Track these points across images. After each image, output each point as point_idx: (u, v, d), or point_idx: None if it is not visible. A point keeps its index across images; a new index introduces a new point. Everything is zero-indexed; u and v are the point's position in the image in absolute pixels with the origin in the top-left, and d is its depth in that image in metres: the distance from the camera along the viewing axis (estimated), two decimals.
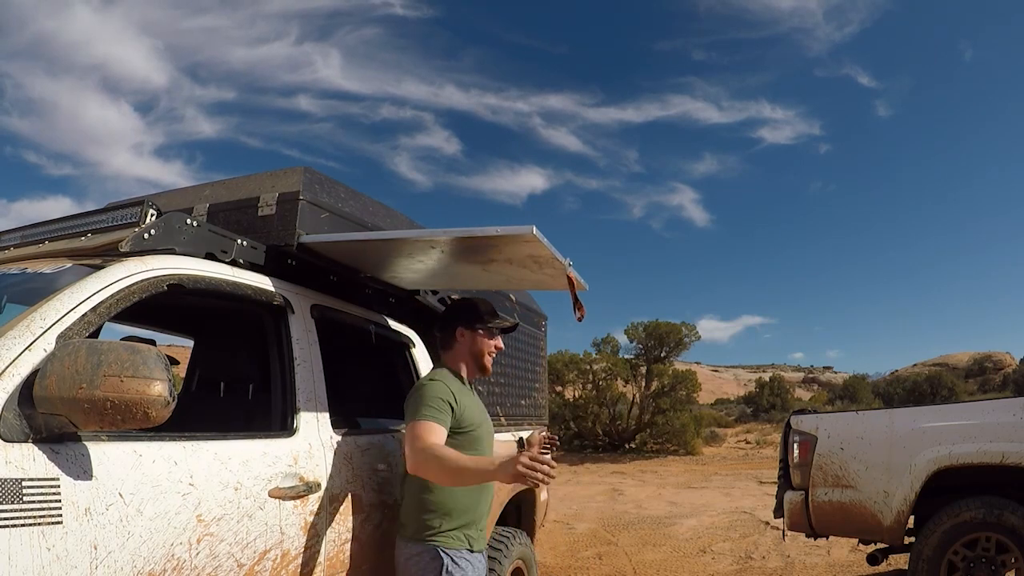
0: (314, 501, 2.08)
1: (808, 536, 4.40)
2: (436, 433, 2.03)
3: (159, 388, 1.43)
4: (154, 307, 2.49)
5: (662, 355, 19.87)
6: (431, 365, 3.08)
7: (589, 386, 18.94)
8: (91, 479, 1.47)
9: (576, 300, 2.30)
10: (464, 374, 2.30)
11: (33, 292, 1.74)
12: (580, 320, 2.28)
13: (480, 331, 2.29)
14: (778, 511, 4.57)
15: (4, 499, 1.30)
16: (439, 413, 2.07)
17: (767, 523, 7.57)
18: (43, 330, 1.52)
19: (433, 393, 2.11)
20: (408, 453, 2.03)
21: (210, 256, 2.16)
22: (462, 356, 2.30)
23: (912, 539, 4.12)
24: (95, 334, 1.88)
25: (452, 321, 2.33)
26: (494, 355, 2.35)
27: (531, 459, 1.75)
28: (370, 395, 3.20)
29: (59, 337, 1.53)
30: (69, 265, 1.90)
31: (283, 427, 2.15)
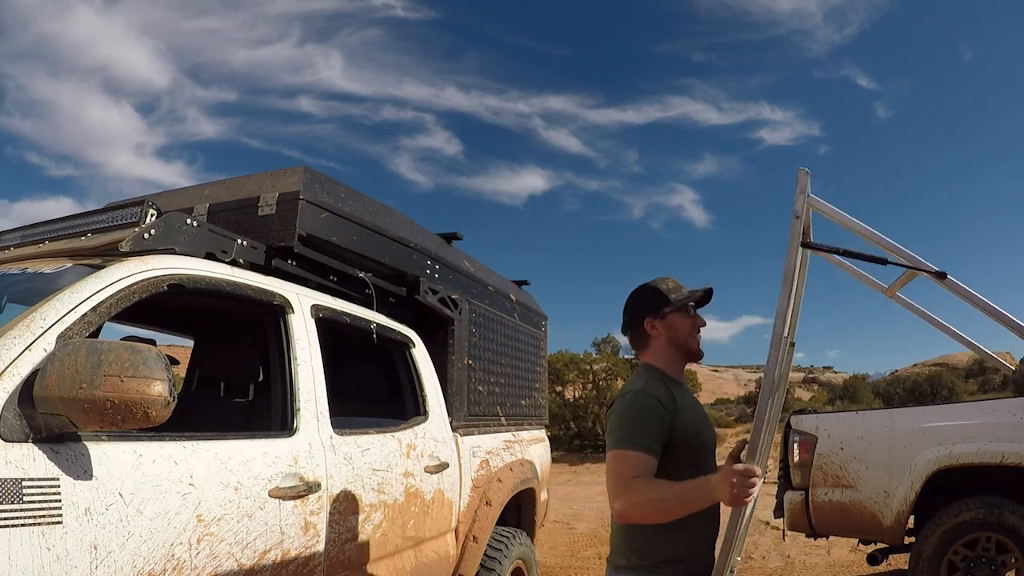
0: (314, 501, 2.08)
1: (808, 536, 4.40)
2: (642, 465, 1.63)
3: (159, 388, 1.43)
4: (154, 307, 2.50)
5: None
6: (431, 365, 3.08)
7: (589, 386, 18.93)
8: (91, 479, 1.47)
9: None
10: (671, 371, 1.87)
11: (33, 292, 1.74)
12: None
13: (670, 314, 1.86)
14: (778, 511, 4.57)
15: (4, 499, 1.30)
16: (645, 437, 1.66)
17: (767, 523, 7.57)
18: (43, 330, 1.52)
19: (637, 409, 1.70)
20: (611, 487, 1.67)
21: (210, 256, 2.16)
22: (663, 350, 1.87)
23: (912, 539, 4.12)
24: (95, 334, 1.88)
25: (637, 316, 1.91)
26: (699, 335, 1.92)
27: (741, 474, 1.49)
28: (370, 395, 3.20)
29: (59, 337, 1.53)
30: (69, 265, 1.90)
31: (283, 427, 2.14)
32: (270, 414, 2.23)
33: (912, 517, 4.09)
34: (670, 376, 1.86)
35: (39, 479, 1.38)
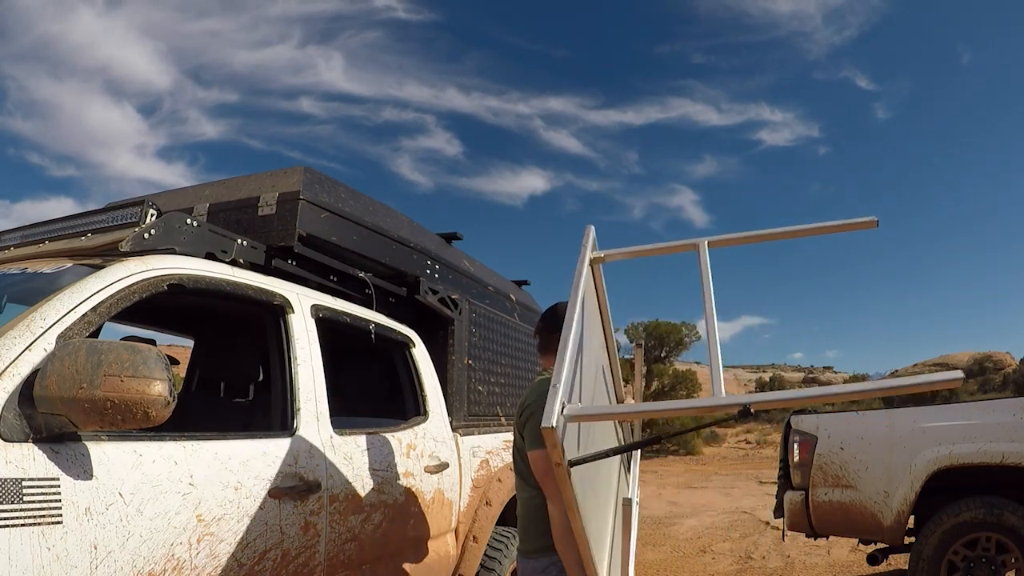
0: (314, 501, 2.08)
1: (808, 536, 4.40)
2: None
3: (159, 388, 1.43)
4: (154, 307, 2.50)
5: (662, 355, 19.89)
6: (431, 365, 3.08)
7: None
8: (91, 479, 1.47)
9: None
10: None
11: (33, 292, 1.74)
12: None
13: None
14: (778, 511, 4.57)
15: (4, 499, 1.30)
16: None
17: (767, 523, 7.58)
18: (43, 330, 1.52)
19: None
20: (549, 485, 1.84)
21: (210, 256, 2.16)
22: None
23: (912, 539, 4.12)
24: (95, 334, 1.88)
25: (556, 323, 2.12)
26: None
27: None
28: (370, 395, 3.20)
29: (59, 337, 1.53)
30: (69, 265, 1.90)
31: (283, 427, 2.14)
32: (270, 414, 2.23)
33: (912, 517, 4.09)
34: None
35: (39, 479, 1.38)
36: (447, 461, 2.92)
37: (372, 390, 3.20)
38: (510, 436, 3.69)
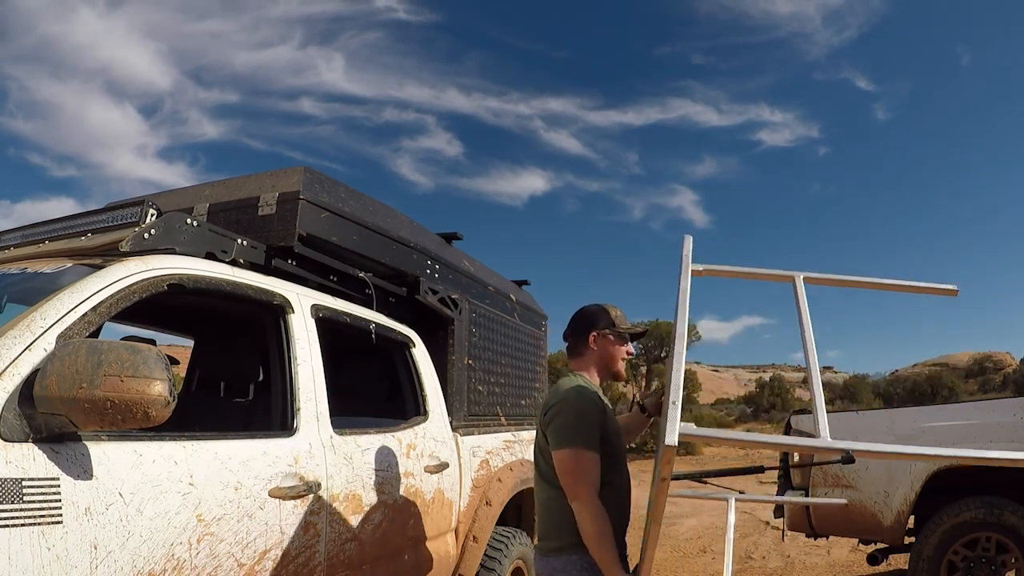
0: (314, 501, 2.08)
1: (808, 536, 4.40)
2: (596, 467, 1.89)
3: (159, 388, 1.43)
4: (154, 307, 2.49)
5: (662, 355, 19.88)
6: (431, 365, 3.08)
7: None
8: (91, 479, 1.47)
9: None
10: (596, 382, 2.16)
11: (33, 292, 1.74)
12: None
13: (611, 336, 2.17)
14: (778, 511, 4.57)
15: (4, 499, 1.30)
16: (593, 438, 1.91)
17: (767, 523, 7.58)
18: (43, 330, 1.52)
19: (584, 408, 1.94)
20: (572, 485, 1.88)
21: (210, 256, 2.16)
22: (594, 364, 2.17)
23: (912, 539, 4.12)
24: (95, 334, 1.88)
25: (583, 328, 2.20)
26: (626, 361, 2.24)
27: None
28: (370, 395, 3.20)
29: (59, 337, 1.53)
30: (69, 265, 1.90)
31: (283, 427, 2.14)
32: (270, 414, 2.23)
33: (912, 517, 4.09)
34: (595, 386, 2.11)
35: (39, 479, 1.38)
36: (447, 461, 2.92)
37: (372, 390, 3.20)
38: (510, 436, 3.70)
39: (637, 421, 2.38)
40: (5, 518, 1.30)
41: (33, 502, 1.35)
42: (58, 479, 1.41)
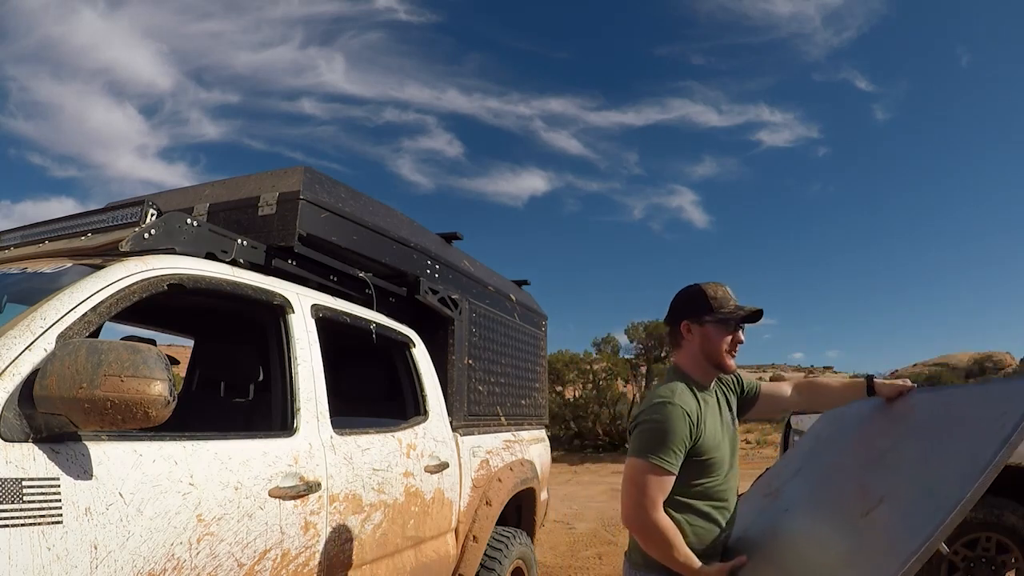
0: (314, 501, 2.08)
1: None
2: (663, 486, 1.67)
3: (159, 388, 1.43)
4: (154, 307, 2.49)
5: (662, 355, 19.85)
6: (431, 365, 3.08)
7: (589, 386, 18.93)
8: (91, 479, 1.47)
9: None
10: (699, 377, 1.83)
11: (33, 292, 1.74)
12: None
13: (709, 324, 1.79)
14: None
15: (4, 499, 1.30)
16: (670, 454, 1.66)
17: None
18: (43, 330, 1.52)
19: (666, 423, 1.67)
20: (627, 500, 1.70)
21: (210, 256, 2.16)
22: (694, 355, 1.83)
23: None
24: (95, 334, 1.88)
25: (677, 315, 1.87)
26: (735, 352, 1.84)
27: None
28: (370, 395, 3.20)
29: (59, 337, 1.53)
30: (69, 265, 1.90)
31: (283, 427, 2.14)
32: (270, 414, 2.23)
33: None
34: (698, 382, 1.82)
35: (39, 479, 1.37)
36: (447, 461, 2.93)
37: (372, 390, 3.20)
38: (510, 436, 3.70)
39: (847, 391, 2.03)
40: (5, 518, 1.30)
41: (33, 502, 1.35)
42: (58, 479, 1.41)
